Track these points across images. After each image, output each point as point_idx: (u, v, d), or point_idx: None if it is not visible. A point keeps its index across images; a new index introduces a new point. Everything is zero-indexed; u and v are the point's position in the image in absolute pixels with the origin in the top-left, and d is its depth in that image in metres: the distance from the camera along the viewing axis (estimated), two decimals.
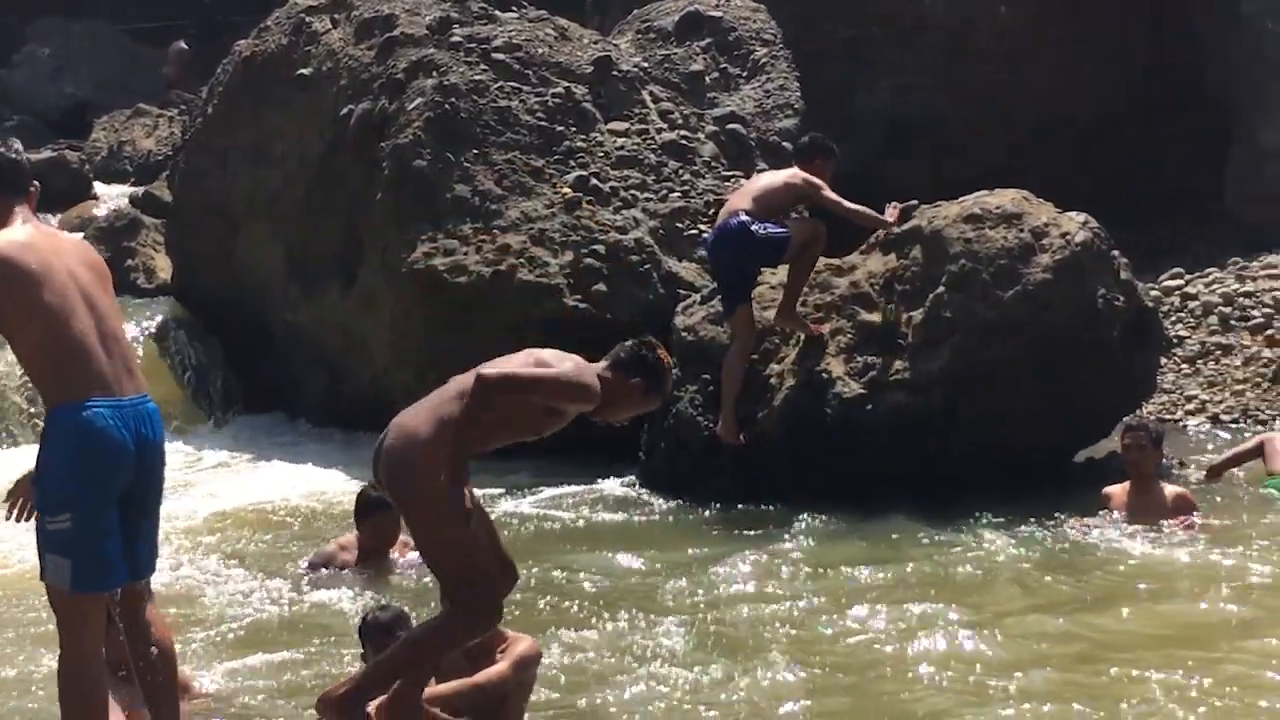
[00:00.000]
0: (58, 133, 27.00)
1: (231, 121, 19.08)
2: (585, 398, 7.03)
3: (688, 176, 16.54)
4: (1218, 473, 13.12)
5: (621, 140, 16.60)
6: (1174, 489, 11.80)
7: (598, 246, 15.51)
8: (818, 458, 12.61)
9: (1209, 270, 17.52)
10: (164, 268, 21.19)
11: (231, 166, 19.05)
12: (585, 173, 16.11)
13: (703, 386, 13.33)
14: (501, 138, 16.23)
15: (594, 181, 16.07)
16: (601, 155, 16.42)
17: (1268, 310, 16.53)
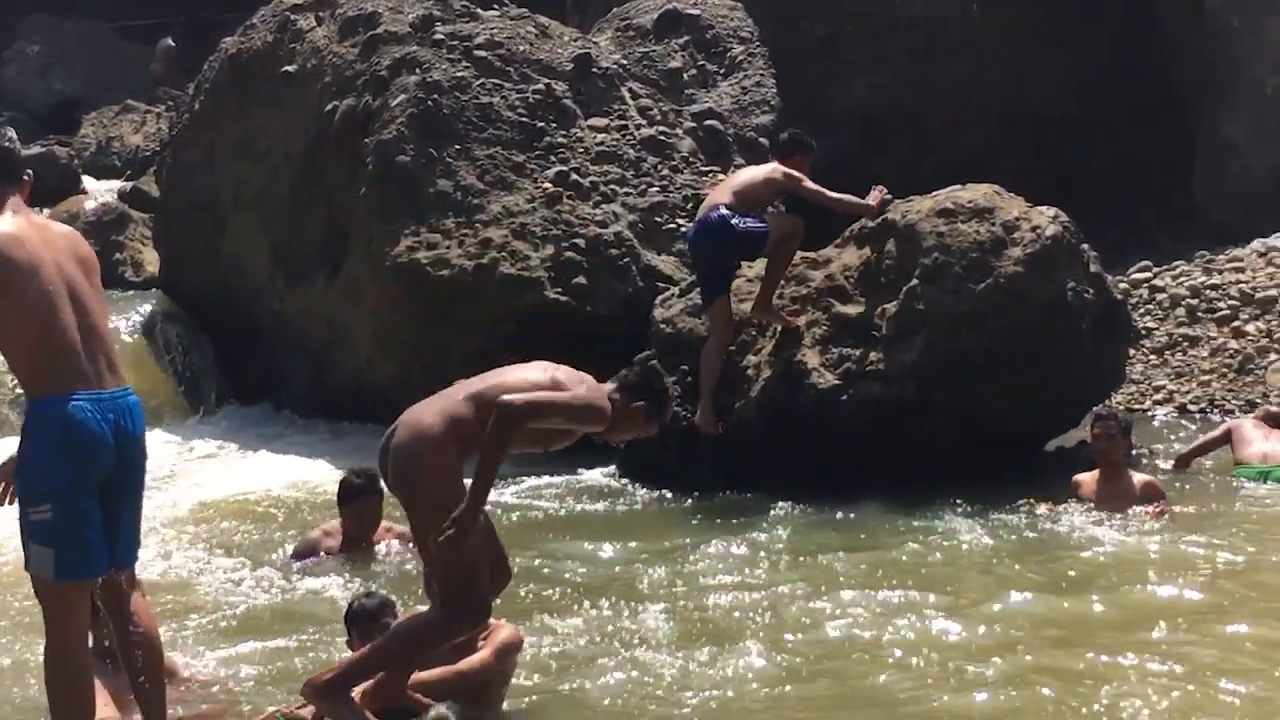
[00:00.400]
0: (47, 129, 26.94)
1: (218, 118, 19.03)
2: (598, 420, 7.12)
3: (666, 172, 16.52)
4: (1186, 462, 13.15)
5: (601, 136, 16.59)
6: (1142, 477, 11.82)
7: (578, 240, 15.50)
8: (794, 447, 12.61)
9: (1176, 263, 17.55)
10: (151, 261, 21.15)
11: (218, 162, 19.01)
12: (566, 168, 16.10)
13: (681, 378, 13.30)
14: (483, 133, 16.21)
15: (574, 176, 16.05)
16: (581, 151, 16.40)
17: (1233, 302, 16.56)
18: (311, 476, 14.29)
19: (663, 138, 16.85)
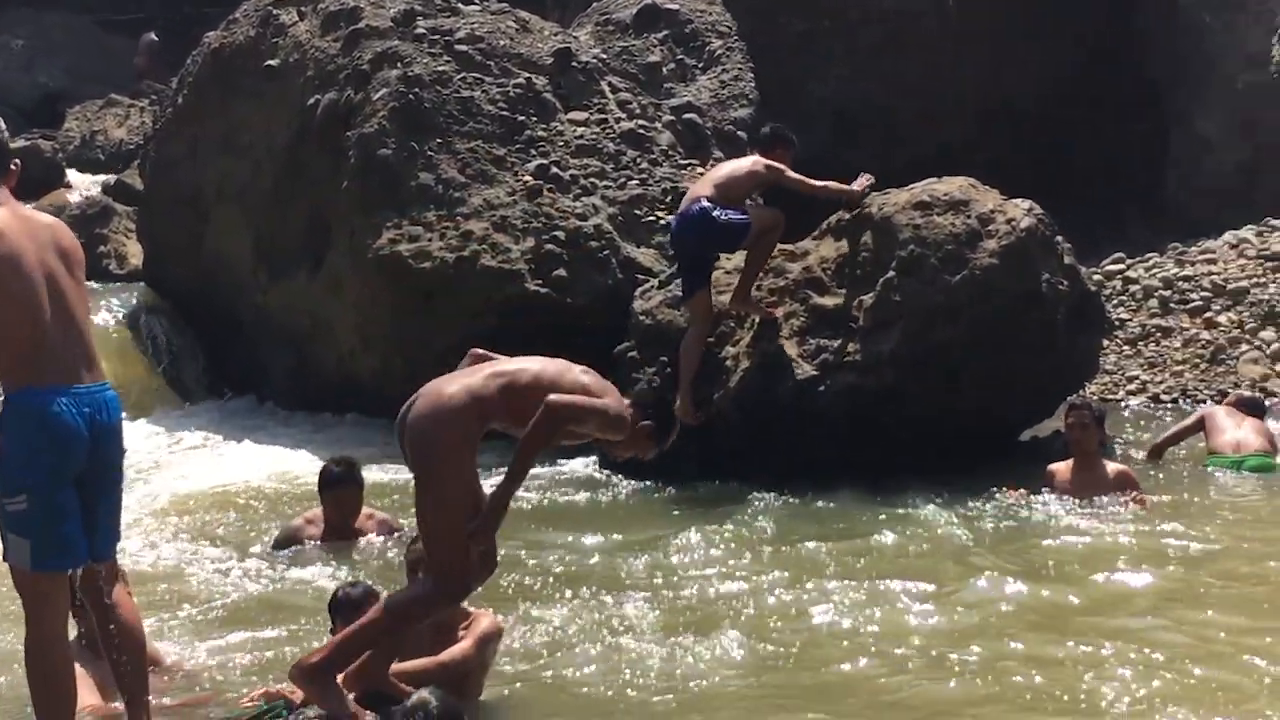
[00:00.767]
0: (31, 122, 26.89)
1: (201, 112, 19.00)
2: (620, 430, 7.13)
3: (645, 165, 16.53)
4: (1159, 451, 13.18)
5: (581, 129, 16.58)
6: (1116, 466, 11.85)
7: (558, 233, 15.50)
8: (773, 438, 12.62)
9: (1149, 255, 17.59)
10: (135, 254, 21.11)
11: (201, 155, 18.97)
12: (546, 161, 16.10)
13: (660, 369, 13.31)
14: (464, 127, 16.20)
15: (554, 170, 16.05)
16: (562, 144, 16.40)
17: (1205, 294, 16.60)
18: (294, 468, 14.28)
19: (642, 131, 16.85)
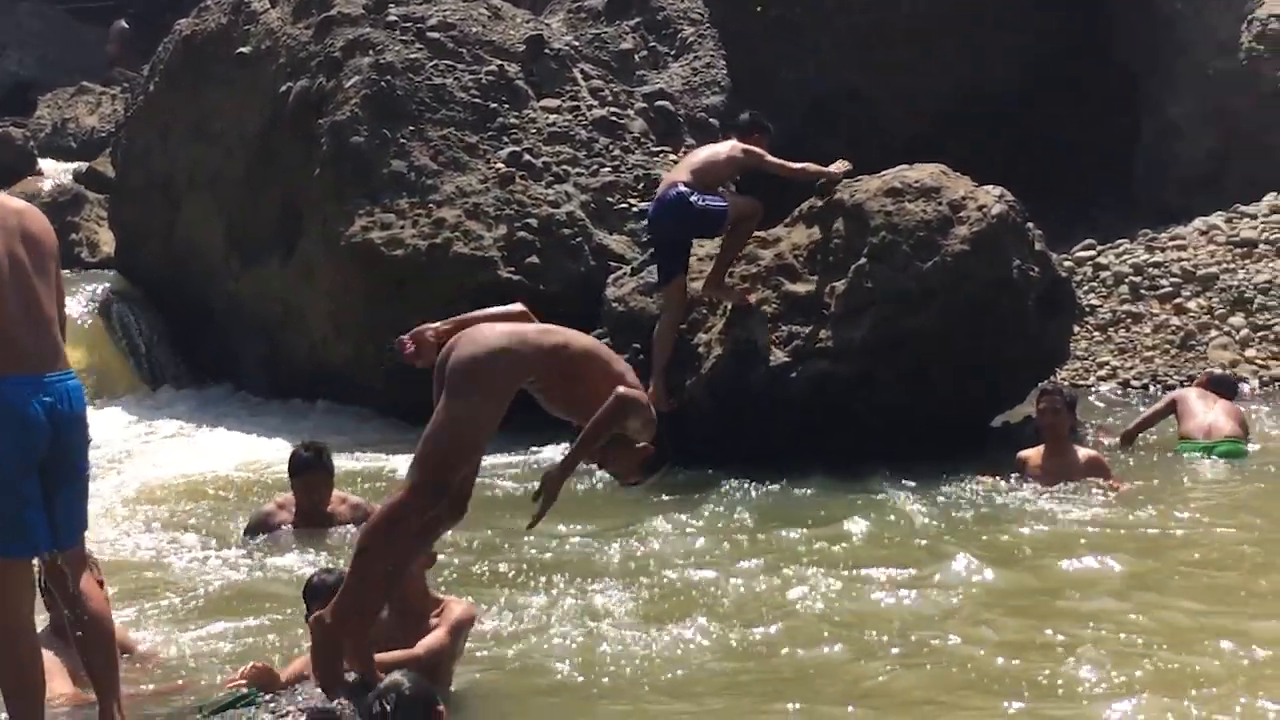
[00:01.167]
0: (2, 110, 26.75)
1: (172, 99, 18.93)
2: (647, 435, 7.08)
3: (618, 152, 16.51)
4: (1132, 436, 13.19)
5: (553, 117, 16.56)
6: (1087, 452, 11.86)
7: (531, 220, 15.48)
8: (746, 424, 12.61)
9: (1120, 241, 17.61)
10: (107, 242, 21.04)
11: (173, 143, 18.91)
12: (518, 149, 16.07)
13: (633, 355, 13.28)
14: (437, 114, 16.17)
15: (527, 157, 16.03)
16: (534, 131, 16.38)
17: (1175, 280, 16.64)
18: (265, 455, 14.23)
19: (614, 118, 16.83)
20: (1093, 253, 17.47)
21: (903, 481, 11.73)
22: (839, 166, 13.24)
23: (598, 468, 7.11)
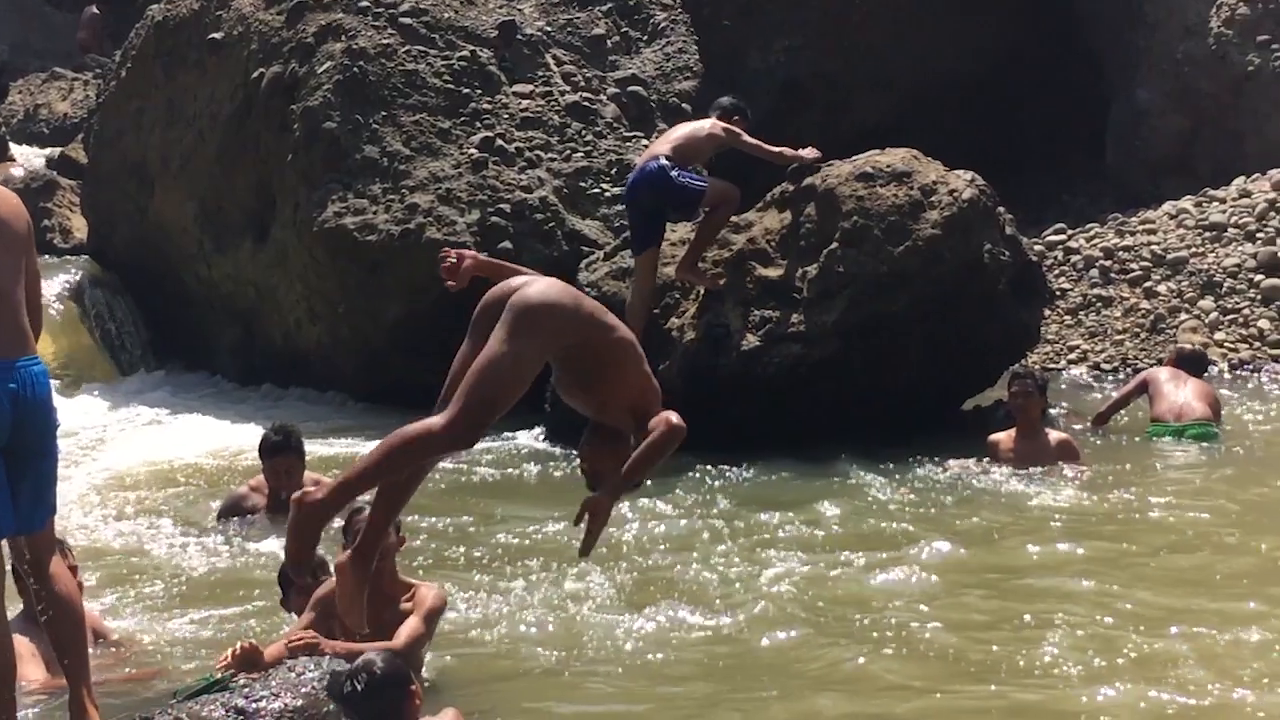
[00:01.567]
0: None
1: (144, 84, 18.88)
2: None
3: (590, 137, 16.50)
4: (1104, 418, 13.21)
5: (526, 102, 16.54)
6: (1058, 435, 11.88)
7: (504, 205, 15.48)
8: (718, 408, 12.59)
9: (1090, 225, 17.63)
10: (80, 228, 20.98)
11: (145, 128, 18.85)
12: (491, 134, 16.05)
13: None
14: (409, 100, 16.14)
15: (499, 142, 16.01)
16: (506, 117, 16.36)
17: (1145, 264, 16.67)
18: (239, 441, 14.18)
19: (586, 104, 16.82)
20: (1063, 237, 17.48)
21: (875, 465, 11.75)
22: (809, 153, 13.26)
23: (580, 461, 6.89)
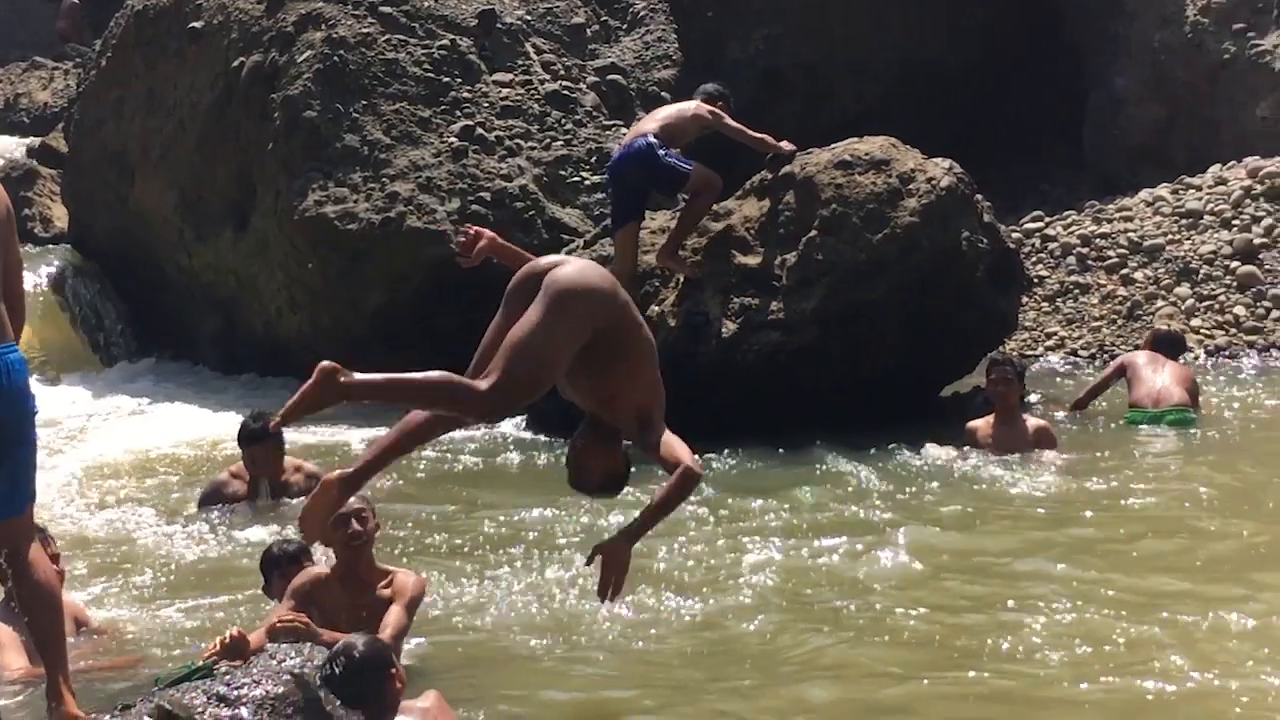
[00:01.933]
0: None
1: (125, 73, 18.83)
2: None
3: (570, 126, 16.49)
4: (1083, 403, 13.20)
5: (506, 91, 16.52)
6: (1036, 422, 11.87)
7: (484, 194, 15.46)
8: (698, 396, 12.56)
9: (1067, 213, 17.64)
10: (60, 217, 20.93)
11: (126, 117, 18.80)
12: (471, 123, 16.03)
13: None
14: (389, 89, 16.11)
15: (479, 131, 15.99)
16: (486, 106, 16.34)
17: (1122, 251, 16.68)
18: (220, 431, 14.14)
19: (566, 92, 16.80)
20: (1041, 224, 17.49)
21: (854, 452, 11.73)
22: (787, 146, 13.25)
23: (570, 453, 6.79)
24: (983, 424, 11.79)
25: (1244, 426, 12.51)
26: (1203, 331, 15.59)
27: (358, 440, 13.40)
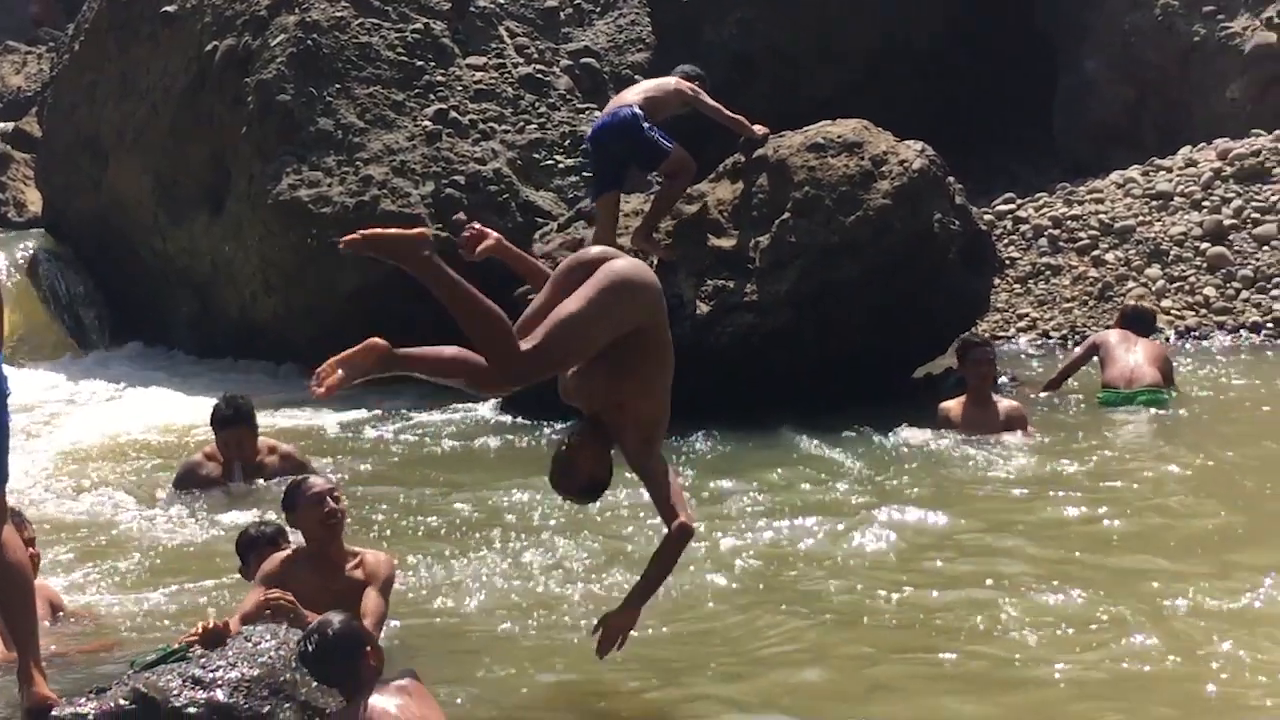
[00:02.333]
0: None
1: (98, 57, 18.74)
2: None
3: (544, 109, 16.45)
4: (1057, 383, 13.20)
5: (479, 74, 16.47)
6: (1008, 403, 11.85)
7: (458, 177, 15.42)
8: (673, 378, 12.54)
9: (1039, 195, 17.65)
10: (35, 201, 20.84)
11: (99, 101, 18.72)
12: (445, 106, 15.99)
13: None
14: (363, 72, 16.06)
15: (453, 114, 15.95)
16: (460, 89, 16.29)
17: (1093, 232, 16.69)
18: (196, 416, 14.06)
19: (540, 76, 16.76)
20: (1012, 206, 17.50)
21: (827, 433, 11.71)
22: (761, 130, 13.22)
23: (562, 446, 6.70)
24: (955, 404, 11.76)
25: (1215, 407, 12.52)
26: (1173, 312, 15.61)
27: (332, 425, 13.38)
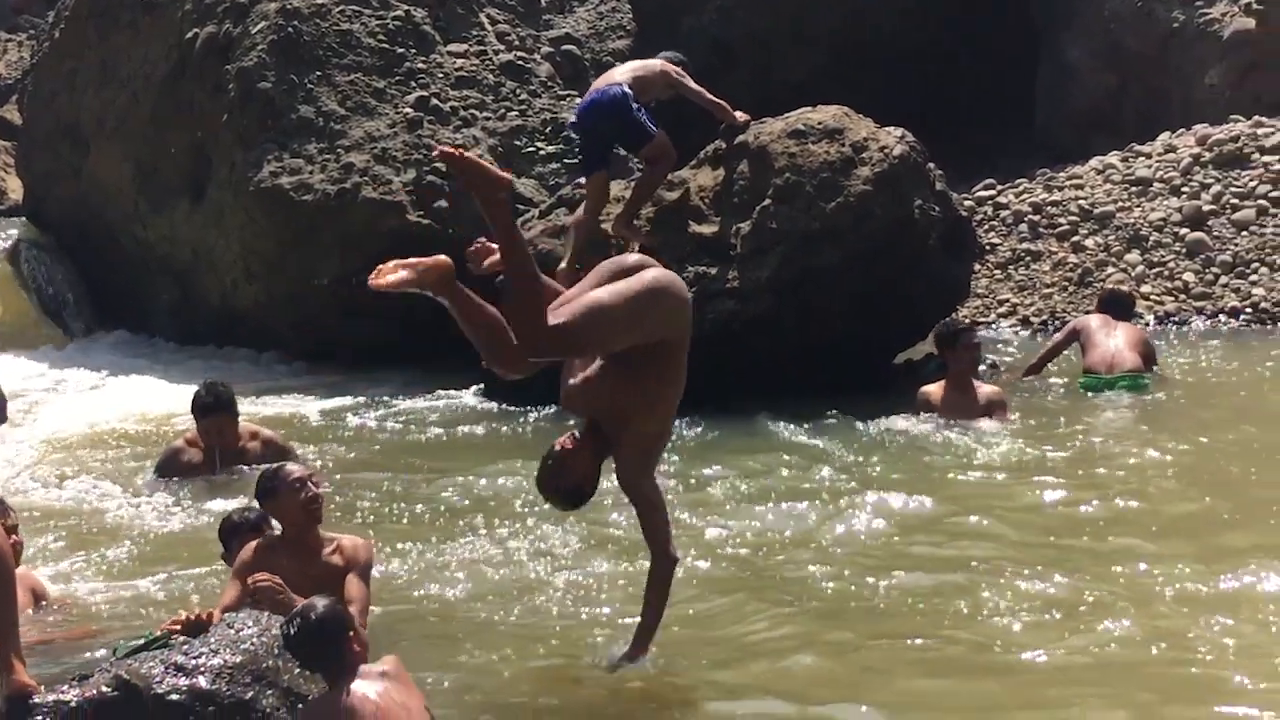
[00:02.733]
0: None
1: (78, 45, 18.69)
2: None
3: (525, 96, 16.43)
4: (1038, 368, 13.21)
5: (460, 61, 16.45)
6: (989, 388, 11.85)
7: (439, 164, 15.38)
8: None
9: (1019, 181, 17.68)
10: (15, 189, 20.80)
11: (79, 89, 18.66)
12: (426, 93, 15.96)
13: None
14: (344, 60, 16.03)
15: (434, 101, 15.92)
16: (441, 76, 16.26)
17: (1073, 218, 16.72)
18: (178, 404, 14.03)
19: (521, 63, 16.74)
20: (993, 192, 17.53)
21: (809, 419, 11.72)
22: (742, 117, 13.21)
23: (560, 443, 6.67)
24: (935, 389, 11.76)
25: (1195, 392, 12.55)
26: (1153, 298, 15.65)
27: (315, 413, 13.35)
